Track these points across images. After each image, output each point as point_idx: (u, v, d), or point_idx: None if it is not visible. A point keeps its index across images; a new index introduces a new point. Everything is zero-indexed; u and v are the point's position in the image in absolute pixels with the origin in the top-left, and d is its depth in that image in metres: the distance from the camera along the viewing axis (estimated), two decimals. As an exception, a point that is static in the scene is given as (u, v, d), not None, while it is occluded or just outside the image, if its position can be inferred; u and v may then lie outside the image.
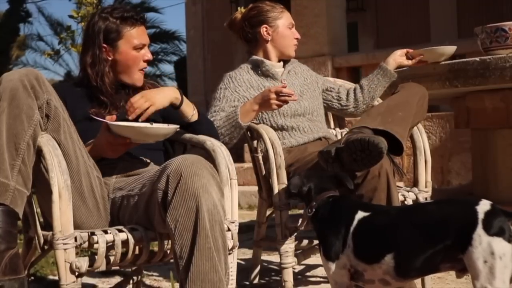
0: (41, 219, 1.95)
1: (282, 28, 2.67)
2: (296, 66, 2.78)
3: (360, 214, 1.83)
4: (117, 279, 2.85)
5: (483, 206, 1.65)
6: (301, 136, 2.58)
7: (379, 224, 1.81)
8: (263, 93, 2.39)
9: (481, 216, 1.62)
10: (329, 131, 2.75)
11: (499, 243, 1.60)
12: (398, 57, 2.70)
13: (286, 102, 2.34)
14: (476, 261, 1.61)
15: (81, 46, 2.43)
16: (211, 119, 2.36)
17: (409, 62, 2.70)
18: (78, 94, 2.13)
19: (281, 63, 2.75)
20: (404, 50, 2.70)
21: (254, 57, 2.69)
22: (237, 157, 6.12)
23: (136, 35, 2.13)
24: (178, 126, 1.97)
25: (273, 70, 2.65)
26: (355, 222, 1.82)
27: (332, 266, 1.85)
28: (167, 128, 1.92)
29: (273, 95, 2.33)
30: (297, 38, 2.72)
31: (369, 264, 1.78)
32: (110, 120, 1.92)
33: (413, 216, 1.78)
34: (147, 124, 1.91)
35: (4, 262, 1.66)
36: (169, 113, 2.26)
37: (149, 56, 2.17)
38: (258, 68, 2.66)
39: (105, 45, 2.10)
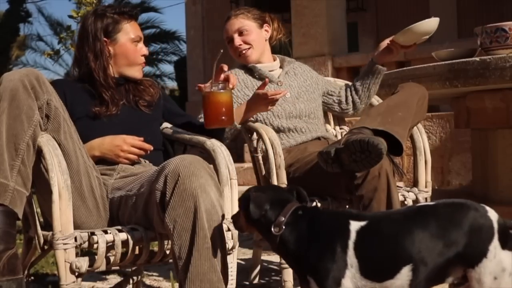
0: (41, 219, 1.95)
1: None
2: (296, 67, 2.77)
3: (356, 225, 1.53)
4: (117, 279, 2.85)
5: (494, 214, 1.51)
6: (299, 136, 2.58)
7: (386, 232, 1.53)
8: (252, 96, 2.41)
9: (495, 225, 1.49)
10: (327, 132, 2.75)
11: (509, 258, 1.47)
12: (380, 54, 2.60)
13: (276, 100, 2.35)
14: (488, 275, 1.47)
15: (75, 45, 2.47)
16: None
17: (393, 56, 2.59)
18: (78, 90, 2.16)
19: (277, 62, 2.74)
20: (387, 41, 2.58)
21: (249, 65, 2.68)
22: (237, 157, 6.11)
23: (132, 28, 2.21)
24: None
25: (267, 73, 2.65)
26: (353, 235, 1.51)
27: None
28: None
29: (260, 98, 2.34)
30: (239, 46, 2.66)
31: (381, 281, 1.51)
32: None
33: (424, 220, 1.53)
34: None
35: (2, 263, 1.67)
36: (170, 111, 2.29)
37: (145, 51, 2.25)
38: (253, 72, 2.67)
39: (105, 39, 2.16)
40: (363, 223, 1.54)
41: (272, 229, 1.57)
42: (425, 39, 2.50)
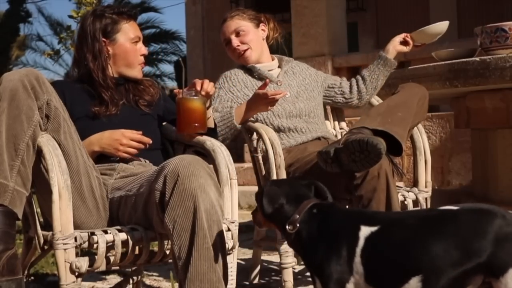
0: (41, 219, 1.95)
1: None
2: (294, 66, 2.78)
3: (366, 230, 1.47)
4: (117, 279, 2.85)
5: None
6: (299, 136, 2.58)
7: (397, 240, 1.46)
8: (252, 96, 2.42)
9: None
10: (327, 131, 2.75)
11: None
12: (397, 45, 2.68)
13: (276, 100, 2.36)
14: None
15: (75, 46, 2.49)
16: None
17: (408, 48, 2.69)
18: (77, 90, 2.16)
19: (275, 62, 2.74)
20: (403, 35, 2.68)
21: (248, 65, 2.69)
22: (237, 157, 6.11)
23: (131, 28, 2.22)
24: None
25: (267, 73, 2.65)
26: (361, 242, 1.46)
27: None
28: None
29: (261, 98, 2.36)
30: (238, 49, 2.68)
31: None
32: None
33: (442, 228, 1.43)
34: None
35: (1, 263, 1.67)
36: (169, 111, 2.30)
37: (144, 51, 2.26)
38: (253, 72, 2.67)
39: (104, 39, 2.16)
40: (374, 229, 1.47)
41: (287, 226, 1.54)
42: (435, 40, 2.68)
